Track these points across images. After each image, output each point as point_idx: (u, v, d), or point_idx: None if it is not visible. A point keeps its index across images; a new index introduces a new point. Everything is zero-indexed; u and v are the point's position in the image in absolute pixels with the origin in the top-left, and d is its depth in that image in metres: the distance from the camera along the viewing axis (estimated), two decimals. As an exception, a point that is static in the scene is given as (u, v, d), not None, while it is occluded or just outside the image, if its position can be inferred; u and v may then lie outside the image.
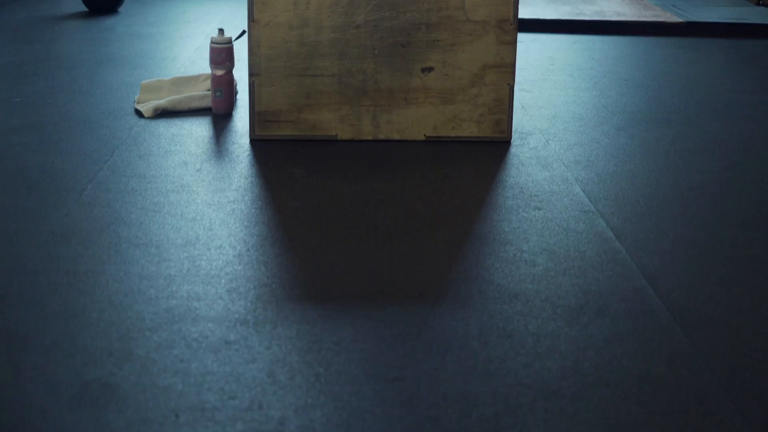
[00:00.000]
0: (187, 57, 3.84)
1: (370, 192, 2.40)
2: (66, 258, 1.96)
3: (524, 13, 4.73)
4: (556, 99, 3.34)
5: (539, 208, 2.31)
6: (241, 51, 3.26)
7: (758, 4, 5.55)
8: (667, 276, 1.95)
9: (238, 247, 2.03)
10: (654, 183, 2.52)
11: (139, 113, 3.03)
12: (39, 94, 3.22)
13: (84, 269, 1.90)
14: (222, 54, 2.98)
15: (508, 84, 2.79)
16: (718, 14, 4.89)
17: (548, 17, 4.71)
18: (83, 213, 2.21)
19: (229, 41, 3.00)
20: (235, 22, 4.59)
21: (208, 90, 3.14)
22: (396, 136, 2.81)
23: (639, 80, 3.65)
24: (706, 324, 1.74)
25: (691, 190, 2.47)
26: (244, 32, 3.08)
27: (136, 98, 3.15)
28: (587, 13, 4.84)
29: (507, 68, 2.78)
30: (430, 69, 2.77)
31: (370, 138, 2.81)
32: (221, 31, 3.00)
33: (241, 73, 3.43)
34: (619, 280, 1.92)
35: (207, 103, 3.08)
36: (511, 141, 2.84)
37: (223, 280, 1.87)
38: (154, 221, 2.17)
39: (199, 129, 2.89)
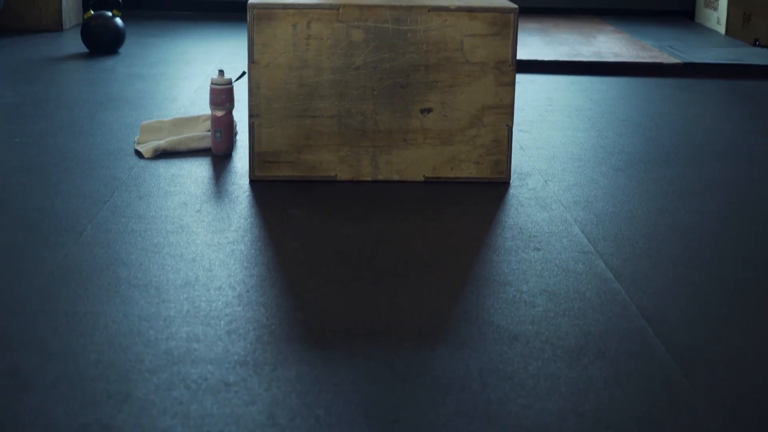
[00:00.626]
0: (187, 98, 3.86)
1: (370, 233, 2.41)
2: (65, 299, 1.96)
3: (522, 54, 4.76)
4: (555, 139, 3.35)
5: (538, 249, 2.31)
6: (240, 92, 3.28)
7: (755, 45, 5.58)
8: (667, 317, 1.95)
9: (238, 288, 2.03)
10: (653, 223, 2.52)
11: (139, 154, 3.04)
12: (39, 134, 3.23)
13: (83, 310, 1.90)
14: (222, 95, 2.99)
15: (507, 125, 2.80)
16: (715, 55, 4.92)
17: (546, 58, 4.73)
18: (83, 254, 2.21)
19: (229, 82, 3.01)
20: (235, 63, 4.61)
21: (208, 131, 3.15)
22: (395, 177, 2.82)
23: (637, 121, 3.66)
24: (706, 365, 1.74)
25: (690, 231, 2.47)
26: (244, 73, 3.10)
27: (136, 139, 3.16)
28: (585, 54, 4.86)
29: (505, 109, 2.79)
30: (429, 110, 2.78)
31: (370, 179, 2.82)
32: (221, 72, 3.01)
33: (240, 114, 3.44)
34: (619, 321, 1.92)
35: (207, 143, 3.09)
36: (510, 182, 2.85)
37: (222, 322, 1.87)
38: (154, 262, 2.17)
39: (199, 169, 2.89)
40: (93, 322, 1.85)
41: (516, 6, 2.76)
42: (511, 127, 2.81)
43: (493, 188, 2.79)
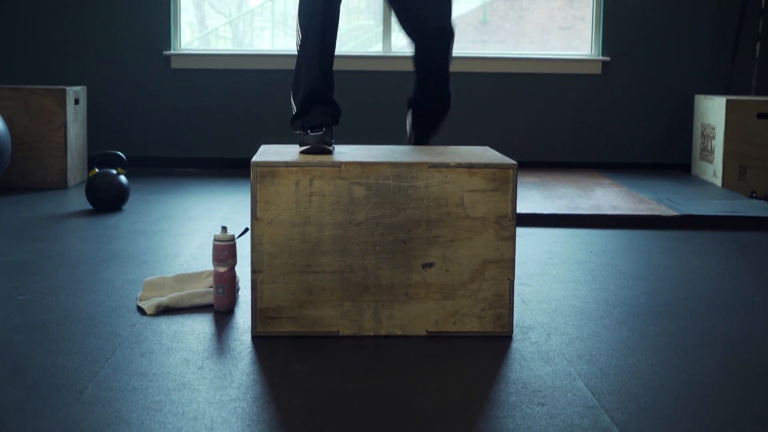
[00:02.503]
0: (189, 254, 3.89)
1: (372, 389, 2.39)
2: (65, 459, 1.93)
3: (521, 207, 4.81)
4: (556, 293, 3.36)
5: (543, 404, 2.29)
6: (243, 247, 3.30)
7: (751, 197, 5.64)
8: (675, 473, 1.92)
9: (240, 447, 2.01)
10: (657, 377, 2.51)
11: (141, 310, 3.04)
12: (42, 292, 3.24)
13: (83, 471, 1.88)
14: (224, 251, 3.02)
15: (508, 279, 2.82)
16: (712, 207, 4.97)
17: (545, 212, 4.78)
18: (83, 413, 2.19)
19: (232, 239, 3.04)
20: (237, 219, 4.66)
21: (211, 287, 3.16)
22: (398, 332, 2.82)
23: (638, 273, 3.68)
24: None
25: (694, 384, 2.46)
26: (246, 230, 3.13)
27: (138, 295, 3.17)
28: (584, 207, 4.92)
29: (507, 263, 2.81)
30: (430, 264, 2.80)
31: (372, 333, 2.81)
32: (224, 228, 3.04)
33: (243, 269, 3.45)
34: (627, 478, 1.89)
35: (209, 299, 3.10)
36: (513, 336, 2.85)
37: (224, 482, 1.84)
38: (155, 421, 2.15)
39: (201, 326, 2.89)
40: (93, 483, 1.83)
41: (515, 162, 2.81)
42: (513, 281, 2.82)
43: (495, 342, 2.78)
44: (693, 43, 6.68)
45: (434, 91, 3.57)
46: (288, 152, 2.97)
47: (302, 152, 2.97)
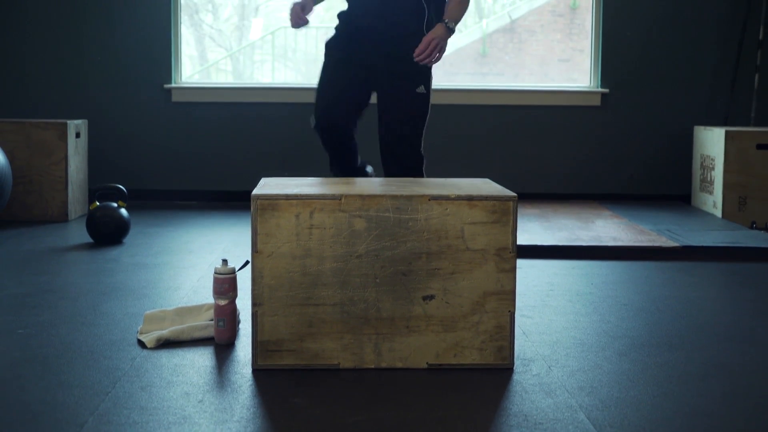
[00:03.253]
0: (190, 287, 3.89)
1: (373, 422, 2.38)
2: (65, 494, 1.93)
3: (522, 239, 4.81)
4: (557, 324, 3.35)
5: (544, 437, 2.29)
6: (243, 280, 3.30)
7: (751, 228, 5.65)
8: (678, 506, 1.91)
9: (240, 481, 2.00)
10: (659, 408, 2.50)
11: (141, 344, 3.04)
12: (42, 325, 3.24)
13: (83, 506, 1.87)
14: (225, 284, 3.02)
15: (509, 311, 2.81)
16: (712, 238, 4.98)
17: (546, 243, 4.78)
18: (83, 447, 2.18)
19: (233, 271, 3.04)
20: (238, 252, 4.66)
21: (211, 320, 3.15)
22: (398, 364, 2.81)
23: (639, 304, 3.67)
24: None
25: (696, 416, 2.45)
26: (247, 263, 3.13)
27: (139, 329, 3.16)
28: (584, 239, 4.92)
29: (507, 295, 2.81)
30: (431, 297, 2.80)
31: (373, 366, 2.81)
32: (224, 261, 3.04)
33: (243, 302, 3.45)
34: None
35: (210, 332, 3.10)
36: (514, 368, 2.84)
37: None
38: (155, 455, 2.14)
39: (202, 359, 2.89)
40: None
41: (515, 194, 2.82)
42: (513, 313, 2.82)
43: (496, 375, 2.78)
44: (692, 74, 6.70)
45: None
46: (288, 185, 2.98)
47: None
